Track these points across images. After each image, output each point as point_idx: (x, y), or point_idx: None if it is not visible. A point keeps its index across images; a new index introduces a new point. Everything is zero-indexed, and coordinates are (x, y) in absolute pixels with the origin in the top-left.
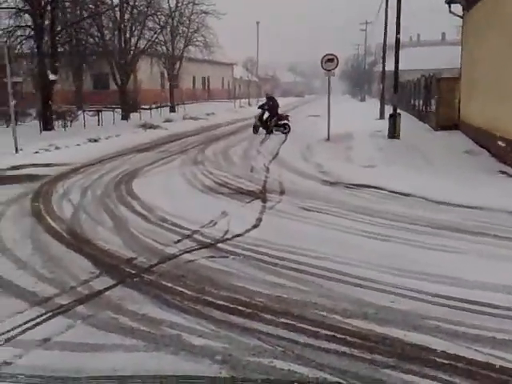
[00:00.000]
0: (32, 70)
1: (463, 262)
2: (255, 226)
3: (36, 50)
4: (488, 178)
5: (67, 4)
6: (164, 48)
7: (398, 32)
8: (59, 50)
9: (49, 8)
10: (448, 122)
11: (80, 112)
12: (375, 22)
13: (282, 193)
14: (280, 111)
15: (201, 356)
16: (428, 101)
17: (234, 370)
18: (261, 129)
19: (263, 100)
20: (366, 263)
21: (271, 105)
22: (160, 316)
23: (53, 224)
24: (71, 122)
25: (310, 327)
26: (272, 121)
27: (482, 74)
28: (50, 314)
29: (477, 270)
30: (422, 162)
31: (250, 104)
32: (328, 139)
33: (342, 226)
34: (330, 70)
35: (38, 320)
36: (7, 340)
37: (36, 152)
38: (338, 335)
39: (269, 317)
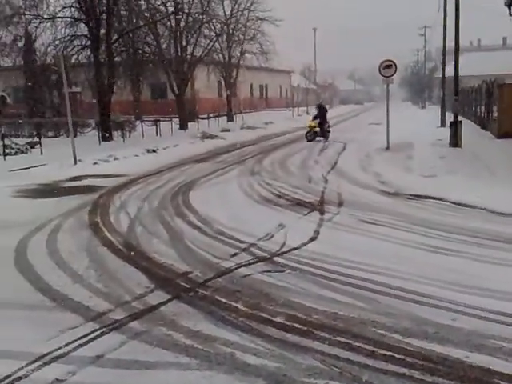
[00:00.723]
0: (90, 80)
1: None
2: (312, 239)
3: (93, 60)
4: None
5: (123, 13)
6: (220, 56)
7: (457, 37)
8: (116, 59)
9: (104, 17)
10: (510, 129)
11: (138, 122)
12: (434, 26)
13: (340, 204)
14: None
15: (255, 376)
16: (490, 108)
17: None
18: (316, 138)
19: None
20: (427, 278)
21: (323, 113)
22: (214, 333)
23: (109, 236)
24: (130, 132)
25: (367, 346)
26: (325, 126)
27: None
28: (104, 329)
29: None
30: (484, 171)
31: (308, 112)
32: (388, 148)
33: (402, 240)
34: (388, 77)
35: (92, 336)
36: (60, 356)
37: (95, 163)
38: (397, 355)
39: (325, 335)
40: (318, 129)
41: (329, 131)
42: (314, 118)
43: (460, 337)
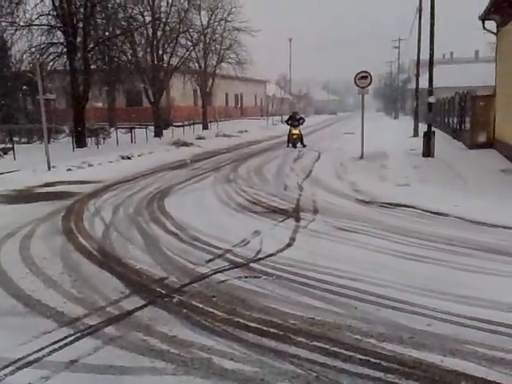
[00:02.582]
0: (65, 87)
1: (502, 285)
2: (288, 246)
3: (69, 67)
4: None
5: (99, 21)
6: (197, 65)
7: (431, 49)
8: (92, 66)
9: (81, 25)
10: (482, 140)
11: (113, 129)
12: (408, 39)
13: (315, 212)
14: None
15: (232, 380)
16: (462, 119)
17: None
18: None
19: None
20: (402, 285)
21: (299, 121)
22: (190, 338)
23: (83, 242)
24: (104, 139)
25: (344, 351)
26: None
27: None
28: (78, 334)
29: None
30: (457, 180)
31: (282, 121)
32: (362, 157)
33: (377, 247)
34: (363, 88)
35: (66, 341)
36: (34, 361)
37: (69, 169)
38: (373, 360)
39: (302, 340)
40: (299, 136)
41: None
42: (287, 122)
43: (435, 341)
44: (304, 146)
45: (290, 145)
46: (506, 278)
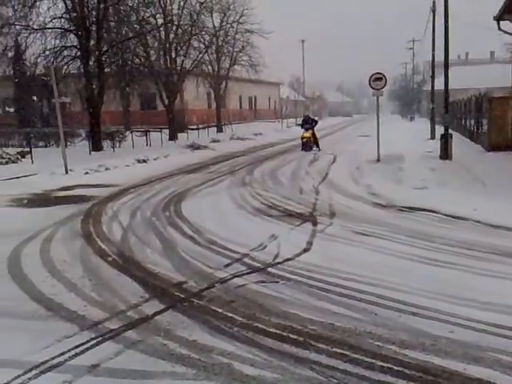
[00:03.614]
0: (79, 91)
1: None
2: (306, 250)
3: (83, 70)
4: None
5: (112, 24)
6: (210, 67)
7: (446, 50)
8: (106, 69)
9: (94, 28)
10: (500, 142)
11: (128, 132)
12: (423, 40)
13: (332, 215)
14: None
15: None
16: (479, 121)
17: None
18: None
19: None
20: (422, 290)
21: (311, 123)
22: (210, 343)
23: (102, 246)
24: (120, 142)
25: (365, 358)
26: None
27: None
28: (100, 338)
29: None
30: (475, 184)
31: (297, 124)
32: (378, 160)
33: (396, 251)
34: (378, 89)
35: (87, 345)
36: (56, 365)
37: (86, 173)
38: (395, 367)
39: (322, 346)
40: (310, 140)
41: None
42: (302, 126)
43: (458, 349)
44: (319, 149)
45: (309, 148)
46: None
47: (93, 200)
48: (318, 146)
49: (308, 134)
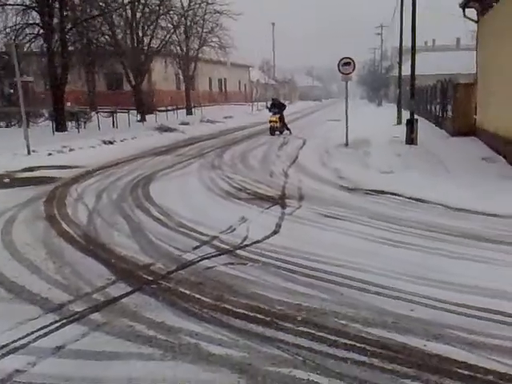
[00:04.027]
0: (43, 70)
1: (484, 271)
2: (275, 233)
3: (46, 49)
4: (505, 185)
5: (76, 1)
6: (178, 48)
7: (413, 36)
8: (70, 48)
9: (57, 5)
10: (464, 128)
11: (94, 113)
12: (391, 26)
13: (301, 198)
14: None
15: (219, 365)
16: (444, 106)
17: (253, 380)
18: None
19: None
20: (386, 271)
21: (280, 107)
22: (178, 324)
23: (67, 228)
24: (85, 123)
25: (329, 336)
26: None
27: (498, 80)
28: (64, 321)
29: (497, 279)
30: (439, 168)
31: (265, 107)
32: (347, 144)
33: (362, 233)
34: (347, 74)
35: (52, 327)
36: (20, 347)
37: (49, 154)
38: (358, 344)
39: (289, 325)
40: (277, 123)
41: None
42: (269, 109)
43: (418, 326)
44: (290, 132)
45: (277, 133)
46: (487, 264)
47: (57, 182)
48: (287, 129)
49: (275, 118)
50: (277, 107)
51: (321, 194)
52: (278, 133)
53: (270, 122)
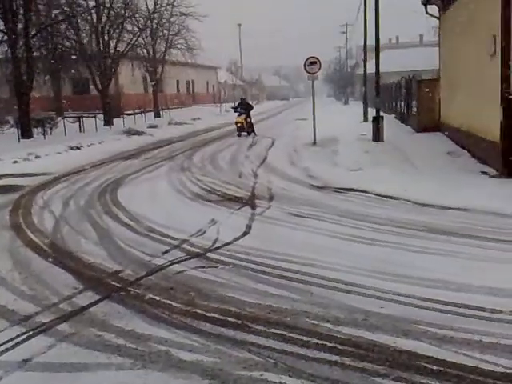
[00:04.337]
0: (7, 76)
1: (451, 265)
2: (245, 234)
3: (10, 55)
4: (471, 180)
5: (41, 7)
6: (145, 51)
7: (377, 34)
8: (35, 54)
9: (21, 11)
10: (429, 123)
11: (60, 119)
12: (355, 24)
13: (271, 199)
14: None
15: (190, 372)
16: (409, 103)
17: None
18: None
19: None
20: (356, 268)
21: (247, 108)
22: (147, 331)
23: (33, 237)
24: (51, 129)
25: (301, 337)
26: (251, 122)
27: (460, 75)
28: (31, 333)
29: (464, 273)
30: (406, 164)
31: (232, 107)
32: (314, 143)
33: (331, 232)
34: (313, 73)
35: (18, 340)
36: None
37: (15, 161)
38: (329, 344)
39: (260, 327)
40: (244, 124)
41: (253, 125)
42: (235, 110)
43: (388, 323)
44: (254, 134)
45: (245, 133)
46: (454, 258)
47: (22, 190)
48: (253, 131)
49: (241, 119)
50: (244, 107)
51: (290, 194)
52: (245, 133)
53: (237, 123)
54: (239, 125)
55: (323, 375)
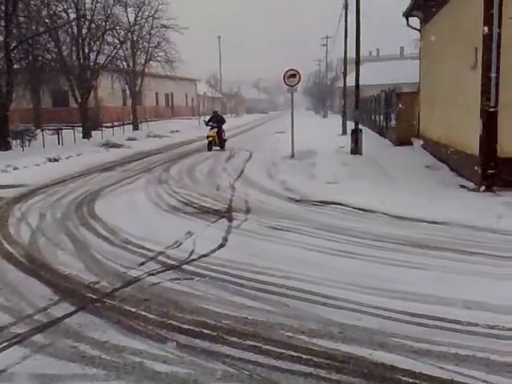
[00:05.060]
0: None
1: (428, 278)
2: (221, 246)
3: None
4: (449, 193)
5: (22, 19)
6: (125, 63)
7: (357, 48)
8: (15, 66)
9: (2, 23)
10: (408, 136)
11: (39, 131)
12: (336, 37)
13: (248, 211)
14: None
15: (164, 383)
16: (388, 116)
17: None
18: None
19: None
20: (332, 281)
21: (219, 122)
22: (122, 343)
23: (9, 249)
24: (29, 141)
25: (276, 349)
26: (222, 136)
27: (440, 88)
28: (5, 343)
29: (440, 286)
30: (384, 177)
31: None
32: (292, 156)
33: (308, 244)
34: (292, 86)
35: None
36: None
37: None
38: (305, 356)
39: (235, 339)
40: (215, 139)
41: (225, 140)
42: (207, 124)
43: (364, 336)
44: (223, 149)
45: (217, 148)
46: (431, 271)
47: None
48: (222, 147)
49: (213, 133)
50: (216, 121)
51: (268, 207)
52: (217, 148)
53: (208, 137)
54: (210, 139)
55: None
